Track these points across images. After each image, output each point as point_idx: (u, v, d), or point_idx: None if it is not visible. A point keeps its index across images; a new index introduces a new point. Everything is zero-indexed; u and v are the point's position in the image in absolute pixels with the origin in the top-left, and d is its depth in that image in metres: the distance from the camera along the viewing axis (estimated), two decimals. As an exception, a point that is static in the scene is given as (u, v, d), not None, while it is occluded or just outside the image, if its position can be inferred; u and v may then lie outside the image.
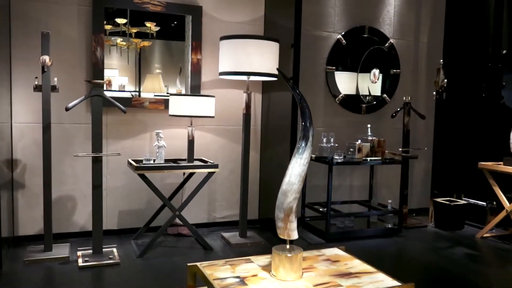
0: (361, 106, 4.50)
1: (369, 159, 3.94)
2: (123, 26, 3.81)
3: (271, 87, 3.99)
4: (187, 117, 3.46)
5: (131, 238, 3.62)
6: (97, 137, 3.10)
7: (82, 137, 3.56)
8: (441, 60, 4.38)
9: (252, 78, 3.53)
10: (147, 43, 3.97)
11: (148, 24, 3.88)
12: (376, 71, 4.53)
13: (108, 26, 3.72)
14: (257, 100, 4.13)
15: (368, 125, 4.13)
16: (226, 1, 3.95)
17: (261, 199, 4.20)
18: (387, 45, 4.54)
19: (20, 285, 2.73)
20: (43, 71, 3.01)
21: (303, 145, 1.75)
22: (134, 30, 3.89)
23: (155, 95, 3.98)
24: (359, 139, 4.03)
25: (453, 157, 4.71)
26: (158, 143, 3.43)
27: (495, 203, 4.14)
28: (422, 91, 4.82)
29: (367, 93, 4.56)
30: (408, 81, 4.74)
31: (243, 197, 3.67)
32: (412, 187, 4.75)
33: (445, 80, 4.27)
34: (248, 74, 3.39)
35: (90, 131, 3.15)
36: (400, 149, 4.27)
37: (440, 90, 4.30)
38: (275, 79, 3.52)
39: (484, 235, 3.99)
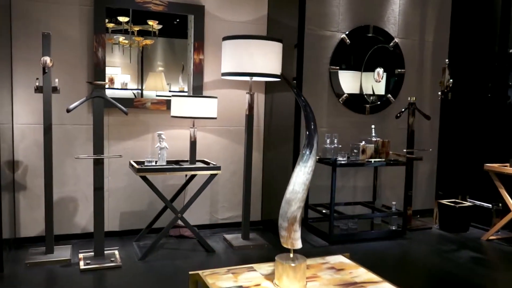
0: (365, 107, 4.45)
1: (373, 160, 3.90)
2: (125, 24, 3.77)
3: (274, 87, 3.94)
4: (189, 118, 3.43)
5: (133, 240, 3.59)
6: (98, 139, 3.06)
7: (84, 138, 3.53)
8: (447, 60, 4.33)
9: (255, 78, 3.49)
10: (149, 42, 3.93)
11: (151, 22, 3.83)
12: (380, 70, 4.47)
13: (111, 24, 3.68)
14: (260, 100, 4.08)
15: (372, 125, 4.08)
16: (229, 1, 3.90)
17: (263, 200, 4.17)
18: (391, 44, 4.48)
19: (21, 289, 2.71)
20: (44, 72, 2.98)
21: (307, 152, 1.70)
22: (136, 28, 3.85)
23: (157, 95, 3.94)
24: (363, 140, 3.99)
25: (459, 158, 4.66)
26: (160, 145, 3.39)
27: (500, 205, 4.10)
28: (427, 91, 4.76)
29: (371, 92, 4.50)
30: (413, 81, 4.68)
31: (245, 199, 3.63)
32: (417, 188, 4.70)
33: (451, 80, 4.21)
34: (251, 75, 3.35)
35: (92, 132, 3.12)
36: (405, 150, 4.23)
37: (446, 90, 4.25)
38: (279, 79, 3.47)
39: (490, 237, 3.95)
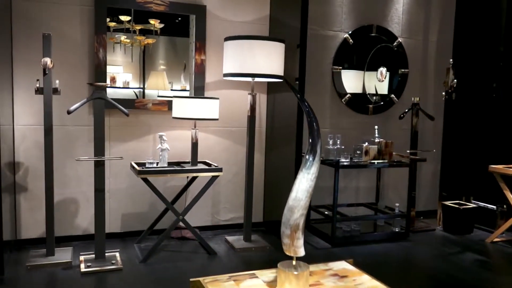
0: (368, 107, 4.41)
1: (376, 162, 3.86)
2: (127, 23, 3.74)
3: (276, 88, 3.91)
4: (191, 120, 3.40)
5: (134, 242, 3.57)
6: (99, 140, 3.04)
7: (85, 139, 3.50)
8: (451, 60, 4.28)
9: (257, 79, 3.45)
10: (151, 41, 3.90)
11: (152, 21, 3.80)
12: (383, 69, 4.43)
13: (112, 23, 3.65)
14: (262, 101, 4.05)
15: (376, 126, 4.05)
16: (231, 0, 3.86)
17: (265, 201, 4.14)
18: (395, 44, 4.44)
19: (22, 292, 2.70)
20: (44, 73, 2.96)
21: (310, 159, 1.67)
22: (138, 27, 3.81)
23: (158, 96, 3.92)
24: (366, 140, 3.95)
25: (463, 159, 4.62)
26: (162, 146, 3.37)
27: (505, 207, 4.06)
28: (431, 91, 4.71)
29: (373, 91, 4.46)
30: (416, 81, 4.64)
31: (247, 200, 3.60)
32: (420, 189, 4.66)
33: (455, 80, 4.17)
34: (253, 76, 3.32)
35: (93, 133, 3.09)
36: (408, 151, 4.19)
37: (450, 91, 4.20)
38: (281, 80, 3.44)
39: (495, 239, 3.91)
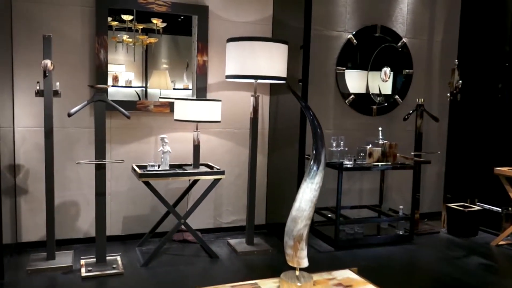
0: (372, 108, 4.36)
1: (380, 164, 3.82)
2: (129, 22, 3.70)
3: (279, 89, 3.86)
4: (193, 122, 3.36)
5: (135, 245, 3.54)
6: (100, 143, 3.01)
7: (86, 141, 3.47)
8: (456, 60, 4.23)
9: (260, 80, 3.41)
10: (153, 40, 3.86)
11: (154, 20, 3.76)
12: (387, 69, 4.38)
13: (114, 23, 3.62)
14: (264, 102, 4.01)
15: (380, 128, 4.00)
16: (233, 1, 3.82)
17: (268, 203, 4.10)
18: (399, 44, 4.39)
19: (22, 297, 2.68)
20: (44, 75, 2.92)
21: (314, 168, 1.63)
22: (140, 27, 3.78)
23: (160, 98, 3.88)
24: (370, 142, 3.91)
25: (467, 160, 4.57)
26: (163, 149, 3.34)
27: (510, 209, 4.01)
28: (435, 92, 4.66)
29: (377, 92, 4.41)
30: (421, 81, 4.58)
31: (250, 203, 3.57)
32: (424, 191, 4.62)
33: (460, 81, 4.12)
34: (256, 77, 3.27)
35: (94, 135, 3.06)
36: (413, 153, 4.14)
37: (455, 91, 4.15)
38: (284, 82, 3.40)
39: (500, 242, 3.86)
